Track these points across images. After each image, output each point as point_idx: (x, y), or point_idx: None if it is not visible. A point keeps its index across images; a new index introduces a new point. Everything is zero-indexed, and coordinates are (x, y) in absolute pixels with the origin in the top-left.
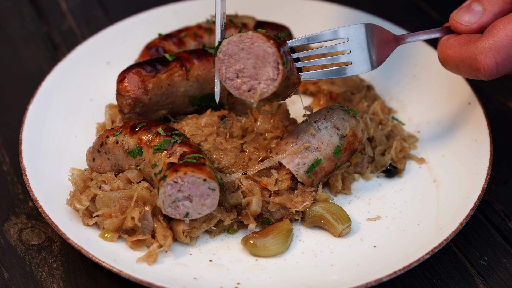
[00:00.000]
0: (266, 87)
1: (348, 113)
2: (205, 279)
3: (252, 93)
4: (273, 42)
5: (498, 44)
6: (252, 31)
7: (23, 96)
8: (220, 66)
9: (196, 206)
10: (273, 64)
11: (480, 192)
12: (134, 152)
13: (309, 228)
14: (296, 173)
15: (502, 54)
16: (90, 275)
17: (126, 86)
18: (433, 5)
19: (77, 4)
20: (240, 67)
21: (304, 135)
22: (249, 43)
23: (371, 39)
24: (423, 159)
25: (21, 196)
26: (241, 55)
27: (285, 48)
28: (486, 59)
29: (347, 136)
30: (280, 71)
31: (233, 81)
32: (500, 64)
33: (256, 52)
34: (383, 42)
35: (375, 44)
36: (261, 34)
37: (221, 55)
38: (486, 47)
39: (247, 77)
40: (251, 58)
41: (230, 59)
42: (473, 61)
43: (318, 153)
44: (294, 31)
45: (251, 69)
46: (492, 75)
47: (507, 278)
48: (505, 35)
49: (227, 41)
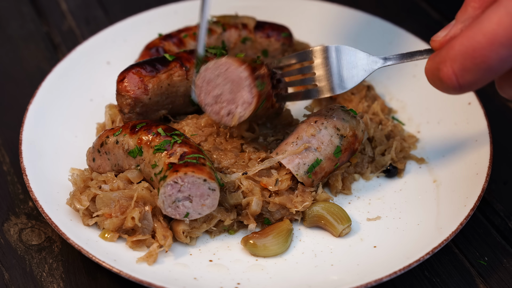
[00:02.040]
0: (243, 111)
1: (348, 113)
2: (205, 279)
3: (231, 118)
4: (246, 67)
5: (452, 52)
6: (226, 57)
7: (23, 96)
8: (199, 93)
9: (196, 206)
10: (247, 88)
11: (480, 192)
12: (134, 152)
13: (309, 228)
14: (296, 173)
15: (458, 64)
16: (90, 275)
17: (126, 86)
18: (433, 5)
19: (77, 4)
20: (218, 92)
21: (304, 135)
22: (224, 68)
23: (339, 61)
24: (423, 159)
25: (21, 196)
26: (218, 81)
27: (262, 72)
28: (444, 68)
29: (347, 137)
30: (255, 95)
31: (212, 107)
32: (459, 75)
33: (231, 77)
34: (354, 65)
35: (344, 67)
36: (234, 59)
37: (199, 82)
38: (443, 56)
39: (225, 102)
40: (227, 83)
41: (208, 85)
42: (436, 71)
43: (318, 153)
44: (294, 31)
45: (228, 94)
46: (455, 87)
47: (507, 278)
48: (460, 44)
49: (204, 68)
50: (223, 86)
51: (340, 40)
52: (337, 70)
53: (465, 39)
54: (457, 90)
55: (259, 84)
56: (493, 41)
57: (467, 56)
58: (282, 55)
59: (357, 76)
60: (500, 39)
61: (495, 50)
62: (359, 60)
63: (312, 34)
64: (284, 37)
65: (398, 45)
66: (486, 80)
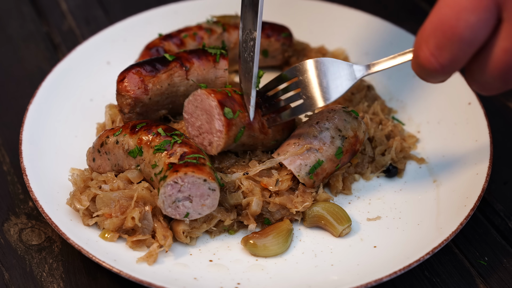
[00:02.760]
0: (218, 139)
1: (350, 114)
2: (205, 279)
3: (211, 147)
4: (214, 96)
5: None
6: (200, 89)
7: (23, 96)
8: (186, 126)
9: (196, 207)
10: (217, 116)
11: (480, 192)
12: (134, 152)
13: (309, 228)
14: (298, 174)
15: (431, 43)
16: (90, 275)
17: (126, 86)
18: (433, 5)
19: (77, 4)
20: (199, 123)
21: (306, 136)
22: (199, 100)
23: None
24: (423, 159)
25: (21, 196)
26: (197, 113)
27: (233, 99)
28: (421, 53)
29: (348, 138)
30: (224, 123)
31: (198, 138)
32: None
33: (205, 108)
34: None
35: (328, 78)
36: (205, 90)
37: (186, 115)
38: (418, 41)
39: (205, 133)
40: (204, 114)
41: (191, 118)
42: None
43: (319, 155)
44: (294, 31)
45: (206, 124)
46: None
47: (507, 278)
48: (429, 22)
49: (187, 101)
50: (201, 117)
51: (340, 40)
52: (320, 83)
53: (433, 16)
54: (440, 71)
55: (227, 112)
56: (458, 9)
57: (438, 32)
58: (282, 55)
59: (341, 86)
60: (465, 4)
61: (462, 18)
62: (342, 71)
63: (312, 34)
64: (284, 37)
65: (398, 45)
66: (464, 54)
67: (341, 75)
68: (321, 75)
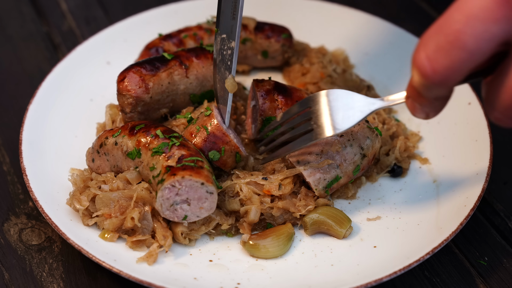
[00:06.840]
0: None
1: (373, 131)
2: (205, 279)
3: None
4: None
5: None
6: None
7: (23, 96)
8: None
9: (194, 209)
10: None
11: (480, 192)
12: (133, 154)
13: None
14: (315, 188)
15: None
16: (90, 275)
17: (126, 85)
18: (433, 5)
19: (77, 4)
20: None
21: (329, 149)
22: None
23: (334, 104)
24: (426, 159)
25: (21, 196)
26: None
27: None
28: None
29: (368, 156)
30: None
31: None
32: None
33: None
34: (351, 106)
35: (340, 108)
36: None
37: None
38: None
39: None
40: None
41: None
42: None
43: (339, 171)
44: (294, 31)
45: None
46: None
47: (507, 278)
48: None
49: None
50: None
51: (340, 40)
52: (332, 112)
53: (440, 19)
54: (431, 78)
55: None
56: (468, 15)
57: (440, 34)
58: (282, 56)
59: (353, 116)
60: (476, 12)
61: (470, 24)
62: (356, 102)
63: (312, 34)
64: (284, 38)
65: (398, 45)
66: (460, 65)
67: (354, 106)
68: (334, 106)
